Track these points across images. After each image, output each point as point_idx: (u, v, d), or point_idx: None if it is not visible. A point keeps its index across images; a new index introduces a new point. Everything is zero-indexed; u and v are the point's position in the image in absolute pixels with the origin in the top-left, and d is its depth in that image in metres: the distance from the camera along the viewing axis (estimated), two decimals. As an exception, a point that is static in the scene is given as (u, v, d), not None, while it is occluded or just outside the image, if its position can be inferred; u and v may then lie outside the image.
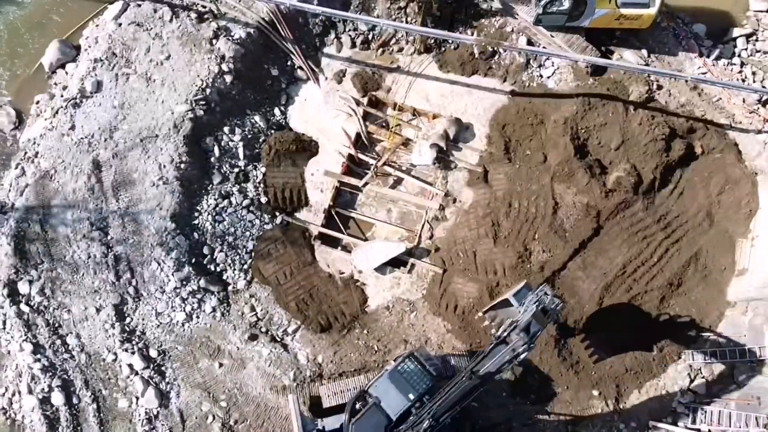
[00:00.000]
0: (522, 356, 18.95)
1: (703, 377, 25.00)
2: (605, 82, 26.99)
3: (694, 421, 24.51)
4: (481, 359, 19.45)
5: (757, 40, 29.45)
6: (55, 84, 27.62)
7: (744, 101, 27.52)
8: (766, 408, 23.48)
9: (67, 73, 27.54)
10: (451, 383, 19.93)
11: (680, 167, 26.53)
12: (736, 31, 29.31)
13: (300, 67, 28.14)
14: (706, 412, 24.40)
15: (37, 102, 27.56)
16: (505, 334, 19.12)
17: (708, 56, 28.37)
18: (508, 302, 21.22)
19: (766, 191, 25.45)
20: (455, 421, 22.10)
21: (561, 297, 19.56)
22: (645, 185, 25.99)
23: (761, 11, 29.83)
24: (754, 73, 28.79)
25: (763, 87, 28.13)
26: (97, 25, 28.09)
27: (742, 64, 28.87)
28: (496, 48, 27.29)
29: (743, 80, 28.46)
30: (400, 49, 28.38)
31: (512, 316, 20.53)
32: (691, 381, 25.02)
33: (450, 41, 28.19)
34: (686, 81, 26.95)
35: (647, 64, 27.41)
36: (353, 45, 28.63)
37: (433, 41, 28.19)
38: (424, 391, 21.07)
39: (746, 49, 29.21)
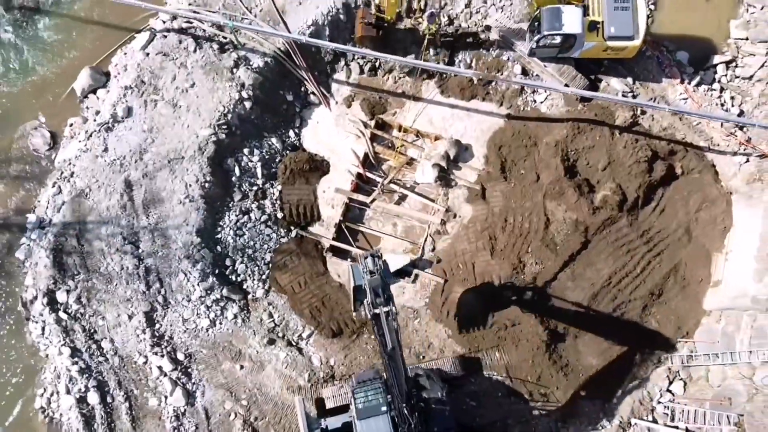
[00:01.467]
0: (394, 309, 20.25)
1: (681, 379, 27.18)
2: (593, 107, 29.14)
3: (672, 419, 26.73)
4: (382, 340, 20.72)
5: (736, 67, 31.04)
6: (87, 108, 29.81)
7: (722, 125, 29.56)
8: (737, 408, 25.62)
9: (98, 98, 29.73)
10: (389, 372, 21.63)
11: (662, 186, 28.51)
12: (716, 58, 31.01)
13: (313, 93, 30.30)
14: (683, 411, 26.58)
15: (71, 124, 29.79)
16: (372, 310, 20.39)
17: (689, 82, 30.32)
18: (361, 287, 22.10)
19: (739, 210, 27.44)
20: (446, 418, 24.42)
21: (374, 253, 21.03)
22: (629, 203, 27.98)
23: (741, 39, 31.35)
24: (732, 98, 30.49)
25: (742, 113, 29.96)
26: (125, 53, 30.25)
27: (722, 90, 30.57)
28: (492, 79, 29.45)
29: (722, 105, 30.34)
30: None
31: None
32: (670, 383, 27.23)
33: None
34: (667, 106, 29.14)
35: (632, 91, 29.56)
36: (361, 72, 30.81)
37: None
38: (385, 396, 22.63)
39: (726, 75, 30.88)
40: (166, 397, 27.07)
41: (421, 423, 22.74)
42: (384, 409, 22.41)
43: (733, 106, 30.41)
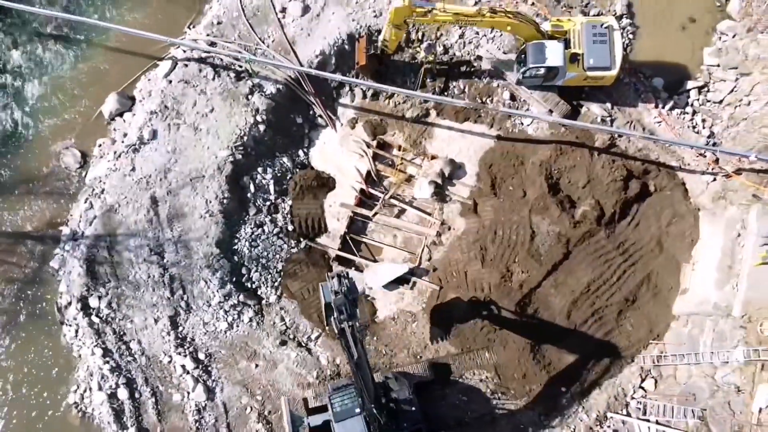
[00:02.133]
0: (357, 322, 22.44)
1: (652, 377, 29.75)
2: (575, 130, 31.85)
3: (644, 413, 29.26)
4: (349, 352, 22.97)
5: (708, 91, 33.68)
6: (115, 130, 32.54)
7: (693, 147, 32.34)
8: (701, 403, 28.24)
9: (125, 121, 32.49)
10: (356, 378, 24.07)
11: (636, 202, 31.22)
12: (690, 84, 33.69)
13: (320, 116, 33.12)
14: (654, 406, 29.14)
15: (100, 145, 32.53)
16: (338, 325, 22.68)
17: (664, 107, 32.96)
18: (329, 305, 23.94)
19: (705, 225, 30.17)
20: (414, 415, 26.92)
21: (340, 273, 22.87)
22: (607, 218, 30.73)
23: (713, 65, 33.97)
24: (704, 121, 33.04)
25: (713, 135, 32.54)
26: (149, 80, 33.03)
27: (694, 113, 33.14)
28: (480, 108, 32.25)
29: (694, 127, 32.95)
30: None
31: None
32: (643, 380, 29.80)
33: (446, 93, 33.24)
34: (642, 130, 31.97)
35: (611, 116, 32.34)
36: (364, 96, 33.62)
37: (431, 93, 33.18)
38: (358, 399, 25.26)
39: (698, 99, 33.50)
40: (188, 393, 29.93)
41: (391, 420, 25.45)
42: (358, 410, 25.19)
43: (704, 128, 32.91)
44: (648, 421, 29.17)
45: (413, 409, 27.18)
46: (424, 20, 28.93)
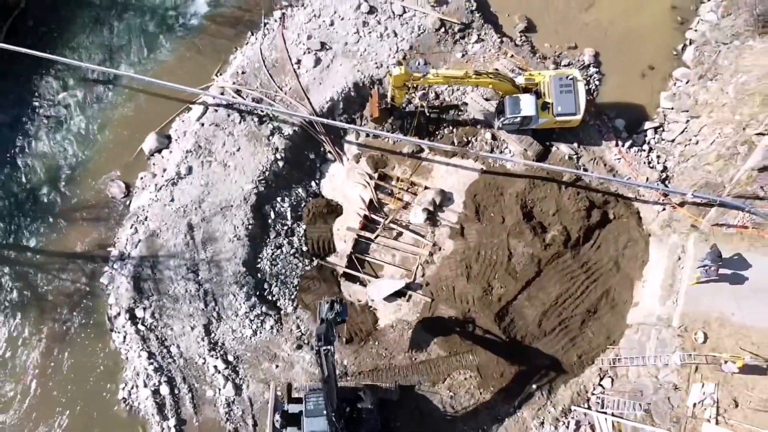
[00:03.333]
0: (332, 349, 26.11)
1: (609, 376, 34.52)
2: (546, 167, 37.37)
3: (602, 407, 34.07)
4: (321, 369, 27.01)
5: (663, 131, 38.49)
6: (154, 164, 37.81)
7: (647, 179, 37.65)
8: (647, 398, 33.11)
9: (163, 157, 37.72)
10: (324, 391, 28.19)
11: (598, 228, 36.18)
12: (647, 124, 38.50)
13: (329, 152, 38.33)
14: (610, 400, 33.97)
15: (142, 178, 37.81)
16: (315, 348, 26.67)
17: (623, 145, 38.21)
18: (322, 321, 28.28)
19: (654, 248, 35.22)
20: (373, 424, 31.16)
21: (334, 299, 26.34)
22: (572, 241, 35.67)
23: (668, 108, 38.85)
24: (658, 157, 37.87)
25: (666, 169, 37.62)
26: (183, 121, 38.30)
27: (650, 150, 38.02)
28: (464, 153, 37.61)
29: (650, 163, 37.85)
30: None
31: None
32: (601, 379, 34.57)
33: (437, 133, 38.57)
34: (604, 166, 37.40)
35: (577, 154, 37.71)
36: (367, 135, 39.03)
37: (425, 133, 38.55)
38: (323, 403, 28.70)
39: (654, 138, 38.33)
40: (219, 390, 35.10)
41: (351, 426, 29.71)
42: (325, 412, 29.40)
43: (658, 164, 37.72)
44: (605, 413, 33.79)
45: (372, 418, 31.53)
46: (420, 82, 34.31)
